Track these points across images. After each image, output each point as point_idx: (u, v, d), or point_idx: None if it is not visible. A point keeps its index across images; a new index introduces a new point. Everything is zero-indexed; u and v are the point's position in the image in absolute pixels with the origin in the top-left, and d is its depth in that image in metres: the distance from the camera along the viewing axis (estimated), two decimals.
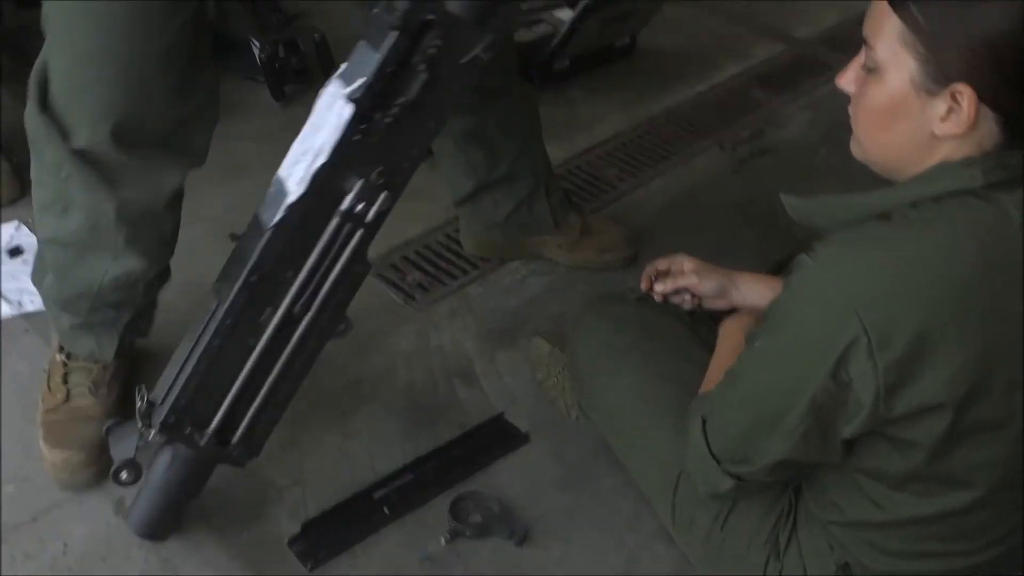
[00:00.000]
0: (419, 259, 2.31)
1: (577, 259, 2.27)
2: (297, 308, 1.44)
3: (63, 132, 1.58)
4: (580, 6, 2.75)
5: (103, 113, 1.54)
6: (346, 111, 1.32)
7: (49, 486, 1.77)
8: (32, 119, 1.60)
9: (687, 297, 1.69)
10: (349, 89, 1.30)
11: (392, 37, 1.27)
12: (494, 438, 1.89)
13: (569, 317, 2.03)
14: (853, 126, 1.33)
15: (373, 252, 2.24)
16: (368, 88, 1.29)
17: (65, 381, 1.83)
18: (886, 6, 1.21)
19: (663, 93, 2.94)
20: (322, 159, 1.33)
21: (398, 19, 1.25)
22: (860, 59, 1.28)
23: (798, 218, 1.35)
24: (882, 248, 1.22)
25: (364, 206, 1.38)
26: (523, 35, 2.92)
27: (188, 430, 1.50)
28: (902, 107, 1.23)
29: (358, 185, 1.36)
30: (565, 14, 2.98)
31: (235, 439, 1.54)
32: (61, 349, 1.85)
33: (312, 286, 1.44)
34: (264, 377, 1.50)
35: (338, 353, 2.01)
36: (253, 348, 1.46)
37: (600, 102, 2.89)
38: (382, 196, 1.38)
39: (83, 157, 1.58)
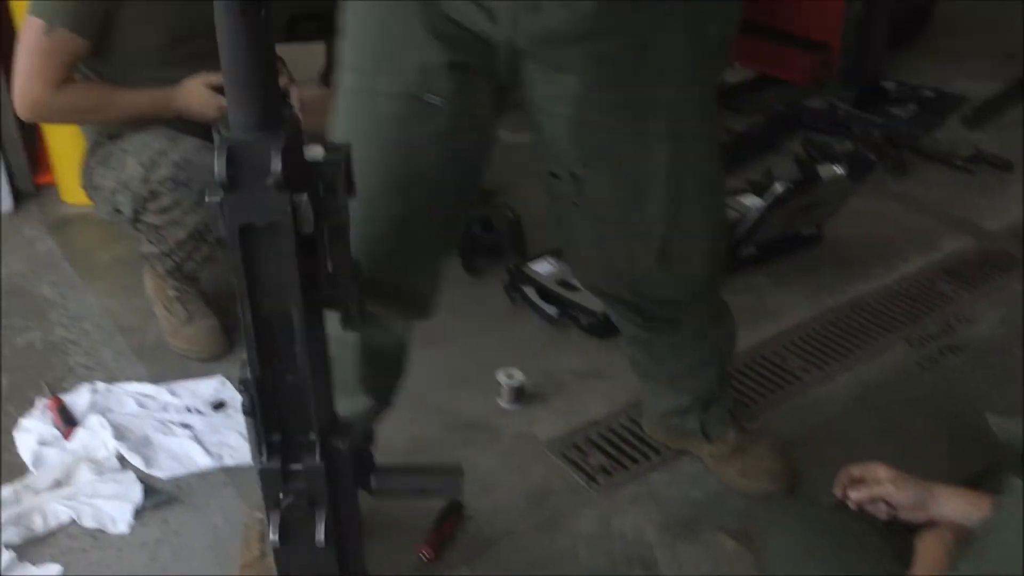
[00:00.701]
0: (602, 441, 2.32)
1: (720, 473, 2.19)
2: None
3: None
4: (770, 197, 2.79)
5: None
6: None
7: None
8: None
9: (882, 506, 1.66)
10: None
11: None
12: None
13: (753, 515, 2.02)
14: None
15: (557, 431, 2.32)
16: None
17: (261, 539, 1.91)
18: None
19: (849, 283, 2.93)
20: None
21: None
22: None
23: (1005, 439, 1.33)
24: None
25: None
26: None
27: None
28: None
29: None
30: (751, 200, 3.04)
31: None
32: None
33: None
34: None
35: (521, 532, 2.06)
36: None
37: (786, 291, 2.90)
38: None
39: None
